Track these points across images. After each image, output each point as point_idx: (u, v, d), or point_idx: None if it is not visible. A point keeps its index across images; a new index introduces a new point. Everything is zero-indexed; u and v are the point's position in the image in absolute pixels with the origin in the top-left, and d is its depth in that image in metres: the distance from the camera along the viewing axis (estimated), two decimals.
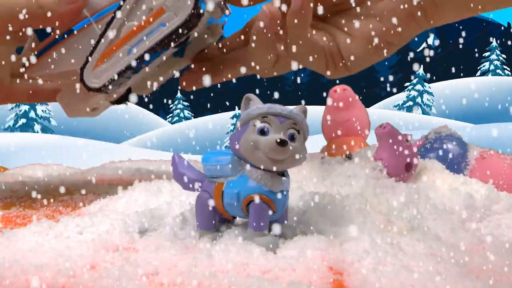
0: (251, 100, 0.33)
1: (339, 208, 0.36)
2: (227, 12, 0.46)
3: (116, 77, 0.45)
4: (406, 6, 0.39)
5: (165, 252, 0.30)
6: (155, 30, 0.44)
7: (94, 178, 0.59)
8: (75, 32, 0.47)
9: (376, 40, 0.40)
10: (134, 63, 0.44)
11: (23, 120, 9.54)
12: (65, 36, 0.48)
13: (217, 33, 0.49)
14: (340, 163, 0.50)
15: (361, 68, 0.43)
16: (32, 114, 9.64)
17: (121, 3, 0.45)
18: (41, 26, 0.47)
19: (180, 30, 0.43)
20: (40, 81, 0.50)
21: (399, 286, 0.26)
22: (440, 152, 0.49)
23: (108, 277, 0.26)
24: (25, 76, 0.50)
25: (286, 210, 0.34)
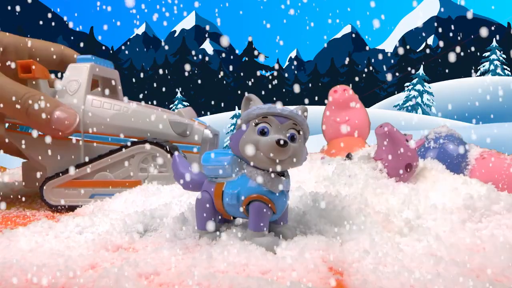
0: (251, 100, 0.32)
1: (339, 208, 0.36)
2: None
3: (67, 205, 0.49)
4: None
5: (165, 252, 0.30)
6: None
7: None
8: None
9: None
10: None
11: None
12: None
13: None
14: (340, 163, 0.50)
15: None
16: None
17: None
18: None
19: None
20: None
21: (399, 286, 0.26)
22: (440, 152, 0.49)
23: (108, 277, 0.26)
24: None
25: (287, 210, 0.34)
